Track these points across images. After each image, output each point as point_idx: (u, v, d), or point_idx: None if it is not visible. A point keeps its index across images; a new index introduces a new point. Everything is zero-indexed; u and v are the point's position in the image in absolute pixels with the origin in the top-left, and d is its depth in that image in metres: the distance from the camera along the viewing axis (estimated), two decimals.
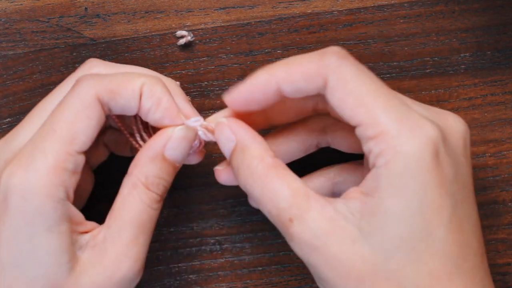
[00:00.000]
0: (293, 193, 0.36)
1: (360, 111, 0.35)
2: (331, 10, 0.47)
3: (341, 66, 0.36)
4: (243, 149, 0.37)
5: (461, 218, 0.35)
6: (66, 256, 0.36)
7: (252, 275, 0.46)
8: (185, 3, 0.47)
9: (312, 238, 0.35)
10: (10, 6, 0.47)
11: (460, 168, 0.36)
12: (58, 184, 0.36)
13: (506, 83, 0.46)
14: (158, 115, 0.39)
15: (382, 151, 0.34)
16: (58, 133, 0.37)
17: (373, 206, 0.34)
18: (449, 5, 0.46)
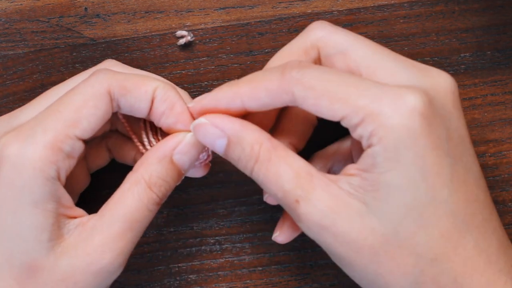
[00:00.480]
0: (296, 174, 0.36)
1: (337, 107, 0.35)
2: (331, 10, 0.47)
3: (302, 77, 0.36)
4: (239, 141, 0.37)
5: (463, 174, 0.36)
6: (47, 234, 0.37)
7: (252, 275, 0.46)
8: (185, 3, 0.47)
9: (320, 218, 0.35)
10: (10, 6, 0.47)
11: (452, 124, 0.37)
12: (52, 162, 0.36)
13: (506, 83, 0.46)
14: (171, 119, 0.39)
15: (372, 131, 0.35)
16: (62, 114, 0.37)
17: (374, 181, 0.35)
18: (449, 5, 0.46)
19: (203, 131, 0.38)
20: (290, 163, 0.37)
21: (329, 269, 0.46)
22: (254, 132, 0.37)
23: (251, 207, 0.46)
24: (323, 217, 0.35)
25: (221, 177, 0.46)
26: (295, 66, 0.37)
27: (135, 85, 0.38)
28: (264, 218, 0.46)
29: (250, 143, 0.37)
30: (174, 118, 0.39)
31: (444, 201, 0.35)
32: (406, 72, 0.38)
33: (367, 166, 0.35)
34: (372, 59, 0.38)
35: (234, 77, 0.46)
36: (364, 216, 0.35)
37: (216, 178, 0.46)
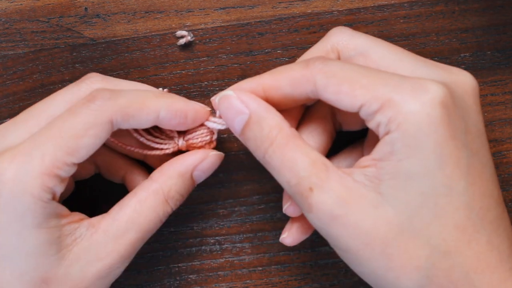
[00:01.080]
0: (312, 162, 0.36)
1: (358, 93, 0.35)
2: (331, 10, 0.47)
3: (325, 66, 0.37)
4: (259, 120, 0.37)
5: (479, 168, 0.36)
6: (55, 247, 0.37)
7: (252, 275, 0.46)
8: (185, 3, 0.47)
9: (333, 208, 0.35)
10: (10, 6, 0.47)
11: (471, 119, 0.37)
12: (49, 187, 0.37)
13: (506, 83, 0.46)
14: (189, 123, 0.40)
15: (390, 117, 0.35)
16: (63, 142, 0.37)
17: (392, 168, 0.35)
18: (449, 5, 0.46)
19: (227, 103, 0.38)
20: (307, 152, 0.36)
21: (329, 269, 0.46)
22: (276, 116, 0.37)
23: (251, 207, 0.46)
24: (336, 206, 0.35)
25: (221, 177, 0.46)
26: (319, 58, 0.37)
27: (138, 111, 0.39)
28: (264, 218, 0.46)
29: (270, 125, 0.37)
30: (191, 121, 0.40)
31: (460, 193, 0.35)
32: (427, 69, 0.38)
33: (384, 154, 0.35)
34: (391, 58, 0.38)
35: (234, 77, 0.46)
36: (379, 206, 0.35)
37: (216, 178, 0.46)
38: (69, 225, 0.38)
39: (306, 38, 0.46)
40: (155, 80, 0.46)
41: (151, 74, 0.47)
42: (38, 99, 0.46)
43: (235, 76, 0.46)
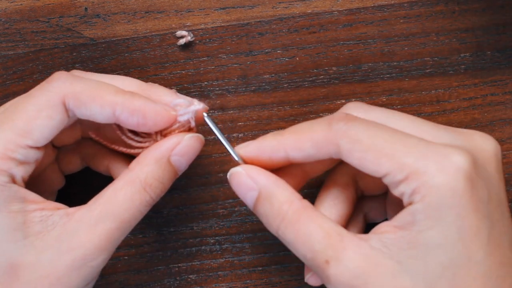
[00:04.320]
0: (326, 234, 0.36)
1: (383, 162, 0.35)
2: (331, 10, 0.47)
3: (350, 129, 0.36)
4: (269, 197, 0.37)
5: (498, 237, 0.36)
6: (21, 233, 0.36)
7: (252, 275, 0.46)
8: (185, 3, 0.47)
9: (351, 279, 0.35)
10: (10, 6, 0.47)
11: (493, 187, 0.37)
12: (3, 170, 0.36)
13: (506, 83, 0.46)
14: (150, 125, 0.38)
15: (415, 189, 0.35)
16: (15, 124, 0.37)
17: (412, 238, 0.35)
18: (449, 5, 0.46)
19: (237, 180, 0.38)
20: (320, 224, 0.36)
21: None
22: (285, 191, 0.37)
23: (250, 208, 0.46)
24: (354, 277, 0.35)
25: (221, 177, 0.46)
26: (342, 118, 0.37)
27: (90, 99, 0.38)
28: None
29: (280, 200, 0.37)
30: (151, 122, 0.38)
31: (478, 263, 0.35)
32: (448, 135, 0.38)
33: (404, 223, 0.35)
34: (412, 126, 0.38)
35: (234, 77, 0.46)
36: (397, 275, 0.34)
37: (216, 178, 0.46)
38: (39, 211, 0.37)
39: (306, 38, 0.46)
40: (155, 80, 0.46)
41: (151, 74, 0.47)
42: None
43: (235, 76, 0.46)
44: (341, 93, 0.46)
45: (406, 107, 0.46)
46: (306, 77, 0.46)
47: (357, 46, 0.46)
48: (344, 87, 0.46)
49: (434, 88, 0.46)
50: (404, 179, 0.35)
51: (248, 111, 0.46)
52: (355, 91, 0.46)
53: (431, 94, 0.46)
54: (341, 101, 0.46)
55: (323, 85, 0.46)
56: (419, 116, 0.46)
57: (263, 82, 0.46)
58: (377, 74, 0.46)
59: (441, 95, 0.46)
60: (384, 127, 0.37)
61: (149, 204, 0.38)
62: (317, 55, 0.46)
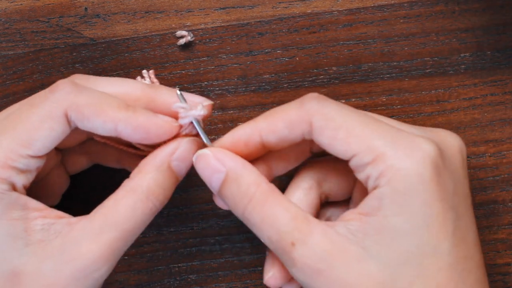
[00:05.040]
0: (293, 217, 0.36)
1: (352, 141, 0.35)
2: (331, 10, 0.47)
3: (323, 107, 0.37)
4: (237, 178, 0.37)
5: (464, 231, 0.36)
6: (22, 241, 0.36)
7: (252, 275, 0.46)
8: (185, 3, 0.47)
9: (317, 261, 0.35)
10: (10, 6, 0.47)
11: (459, 181, 0.37)
12: (4, 178, 0.36)
13: (506, 83, 0.46)
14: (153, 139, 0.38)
15: (382, 172, 0.35)
16: (17, 133, 0.37)
17: (378, 224, 0.35)
18: (449, 5, 0.46)
19: (203, 162, 0.38)
20: (287, 207, 0.36)
21: None
22: (253, 173, 0.37)
23: None
24: (320, 260, 0.35)
25: None
26: (314, 97, 0.37)
27: (94, 115, 0.37)
28: None
29: (248, 182, 0.37)
30: (154, 137, 0.38)
31: (444, 253, 0.35)
32: (416, 129, 0.38)
33: (370, 209, 0.35)
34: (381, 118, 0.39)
35: (234, 77, 0.46)
36: (362, 261, 0.35)
37: None
38: (41, 219, 0.37)
39: (306, 38, 0.46)
40: None
41: None
42: None
43: (235, 76, 0.46)
44: (341, 93, 0.46)
45: (406, 107, 0.46)
46: (306, 77, 0.46)
47: (357, 46, 0.46)
48: (344, 87, 0.46)
49: (434, 88, 0.46)
50: (371, 161, 0.35)
51: (248, 111, 0.46)
52: (355, 91, 0.46)
53: (431, 94, 0.46)
54: (341, 101, 0.46)
55: (323, 85, 0.46)
56: (419, 116, 0.46)
57: (263, 82, 0.46)
58: (377, 74, 0.46)
59: (441, 95, 0.46)
60: (357, 110, 0.37)
61: (152, 212, 0.38)
62: (317, 55, 0.46)
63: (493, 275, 0.45)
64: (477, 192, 0.46)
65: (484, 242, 0.45)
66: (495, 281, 0.45)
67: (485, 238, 0.45)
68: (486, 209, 0.46)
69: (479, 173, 0.46)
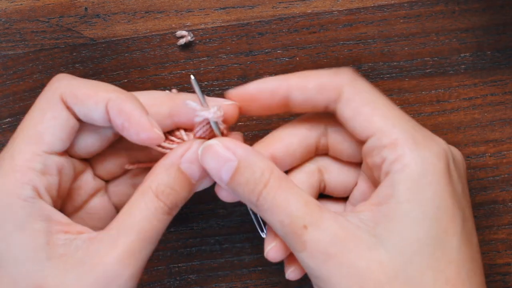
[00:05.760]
0: (306, 203, 0.36)
1: (375, 120, 0.36)
2: (331, 10, 0.47)
3: (356, 81, 0.37)
4: (250, 165, 0.37)
5: (469, 233, 0.36)
6: (44, 253, 0.36)
7: (252, 275, 0.46)
8: (185, 3, 0.47)
9: (328, 246, 0.35)
10: (10, 6, 0.47)
11: (465, 187, 0.37)
12: (25, 182, 0.36)
13: (506, 83, 0.46)
14: (132, 131, 0.38)
15: (398, 156, 0.35)
16: (25, 133, 0.37)
17: (390, 211, 0.35)
18: (449, 5, 0.46)
19: (212, 153, 0.38)
20: (300, 193, 0.37)
21: None
22: (265, 159, 0.37)
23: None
24: (332, 244, 0.35)
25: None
26: (349, 72, 0.38)
27: (86, 95, 0.38)
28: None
29: (261, 167, 0.37)
30: (134, 129, 0.37)
31: (453, 248, 0.35)
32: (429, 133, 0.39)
33: (383, 197, 0.35)
34: None
35: (234, 77, 0.46)
36: (373, 248, 0.35)
37: None
38: (63, 234, 0.37)
39: (306, 38, 0.46)
40: (155, 80, 0.46)
41: (151, 74, 0.47)
42: None
43: (235, 76, 0.46)
44: None
45: (406, 107, 0.46)
46: None
47: (357, 46, 0.46)
48: None
49: (434, 88, 0.46)
50: (389, 144, 0.35)
51: None
52: None
53: (431, 94, 0.46)
54: None
55: None
56: (419, 116, 0.46)
57: None
58: (377, 74, 0.46)
59: (441, 95, 0.46)
60: (385, 97, 0.38)
61: (165, 212, 0.38)
62: (317, 55, 0.46)
63: (493, 275, 0.45)
64: (477, 192, 0.46)
65: (484, 242, 0.45)
66: (495, 281, 0.45)
67: (485, 238, 0.45)
68: (486, 209, 0.46)
69: (479, 173, 0.46)
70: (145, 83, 0.46)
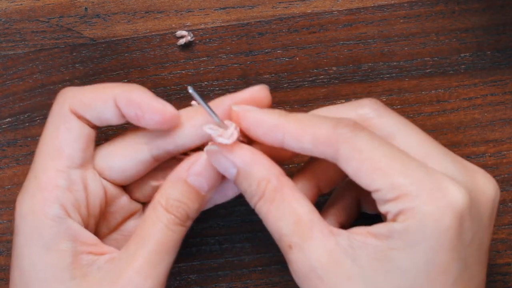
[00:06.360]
0: (296, 220, 0.36)
1: (376, 176, 0.35)
2: (331, 10, 0.47)
3: (354, 137, 0.35)
4: (246, 176, 0.37)
5: (467, 281, 0.35)
6: (68, 274, 0.36)
7: (252, 275, 0.46)
8: (185, 3, 0.47)
9: (308, 270, 0.35)
10: (10, 6, 0.47)
11: (480, 230, 0.36)
12: (51, 201, 0.36)
13: (506, 83, 0.46)
14: (148, 119, 0.38)
15: (401, 210, 0.34)
16: (43, 151, 0.38)
17: (381, 251, 0.34)
18: (449, 5, 0.46)
19: (215, 158, 0.38)
20: (293, 207, 0.36)
21: None
22: (263, 167, 0.37)
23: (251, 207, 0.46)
24: (312, 270, 0.35)
25: None
26: (350, 125, 0.36)
27: (92, 99, 0.38)
28: None
29: (257, 179, 0.37)
30: (147, 115, 0.38)
31: None
32: (454, 166, 0.37)
33: (380, 234, 0.35)
34: (420, 147, 0.37)
35: (234, 77, 0.46)
36: (352, 279, 0.34)
37: None
38: (86, 254, 0.37)
39: (306, 38, 0.46)
40: (155, 80, 0.46)
41: (151, 74, 0.47)
42: (38, 99, 0.46)
43: (235, 76, 0.46)
44: (341, 93, 0.46)
45: (406, 107, 0.46)
46: (306, 77, 0.46)
47: (357, 46, 0.46)
48: (344, 87, 0.46)
49: (434, 88, 0.46)
50: (393, 199, 0.35)
51: None
52: (355, 91, 0.46)
53: (431, 94, 0.46)
54: (341, 101, 0.46)
55: (323, 85, 0.46)
56: (419, 116, 0.46)
57: (263, 82, 0.46)
58: (377, 74, 0.46)
59: (441, 95, 0.46)
60: (389, 144, 0.36)
61: (177, 223, 0.38)
62: (317, 55, 0.46)
63: (493, 275, 0.45)
64: None
65: None
66: (495, 281, 0.45)
67: None
68: None
69: None
70: (145, 83, 0.46)
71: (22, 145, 0.46)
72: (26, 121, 0.46)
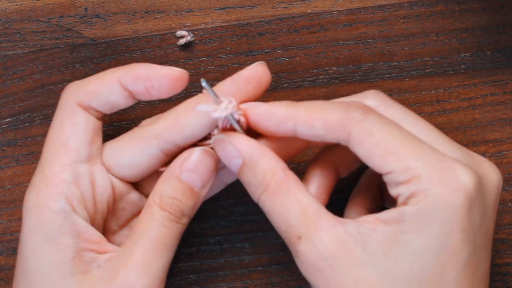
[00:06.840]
0: (303, 210, 0.36)
1: (390, 159, 0.35)
2: (331, 10, 0.47)
3: (365, 120, 0.36)
4: (253, 166, 0.37)
5: (476, 264, 0.36)
6: (68, 269, 0.36)
7: (252, 275, 0.46)
8: (185, 3, 0.47)
9: (318, 260, 0.35)
10: (10, 6, 0.47)
11: (486, 215, 0.36)
12: (57, 195, 0.36)
13: (506, 83, 0.46)
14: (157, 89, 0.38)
15: (413, 193, 0.34)
16: (50, 146, 0.38)
17: (391, 236, 0.34)
18: (449, 5, 0.46)
19: (222, 146, 0.38)
20: (299, 198, 0.36)
21: None
22: (269, 160, 0.37)
23: (251, 207, 0.46)
24: (322, 259, 0.35)
25: None
26: (360, 108, 0.36)
27: (96, 86, 0.38)
28: (264, 218, 0.46)
29: (263, 170, 0.37)
30: (157, 83, 0.38)
31: (449, 282, 0.34)
32: (460, 153, 0.38)
33: (390, 219, 0.35)
34: (427, 135, 0.38)
35: None
36: (363, 267, 0.34)
37: None
38: (88, 252, 0.37)
39: (306, 38, 0.46)
40: None
41: None
42: (38, 99, 0.46)
43: None
44: (341, 93, 0.46)
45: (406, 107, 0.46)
46: (306, 77, 0.46)
47: (357, 46, 0.46)
48: (344, 87, 0.46)
49: (434, 88, 0.46)
50: (405, 181, 0.35)
51: None
52: (355, 91, 0.46)
53: (431, 94, 0.46)
54: None
55: (323, 85, 0.46)
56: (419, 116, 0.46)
57: None
58: (377, 74, 0.46)
59: (441, 95, 0.46)
60: (400, 127, 0.36)
61: (172, 219, 0.38)
62: (317, 55, 0.46)
63: (493, 275, 0.45)
64: None
65: None
66: (495, 281, 0.45)
67: None
68: None
69: None
70: None
71: (22, 145, 0.46)
72: (26, 121, 0.46)
